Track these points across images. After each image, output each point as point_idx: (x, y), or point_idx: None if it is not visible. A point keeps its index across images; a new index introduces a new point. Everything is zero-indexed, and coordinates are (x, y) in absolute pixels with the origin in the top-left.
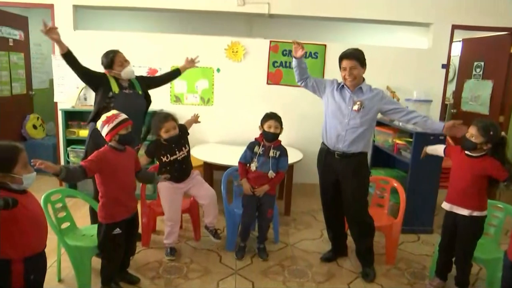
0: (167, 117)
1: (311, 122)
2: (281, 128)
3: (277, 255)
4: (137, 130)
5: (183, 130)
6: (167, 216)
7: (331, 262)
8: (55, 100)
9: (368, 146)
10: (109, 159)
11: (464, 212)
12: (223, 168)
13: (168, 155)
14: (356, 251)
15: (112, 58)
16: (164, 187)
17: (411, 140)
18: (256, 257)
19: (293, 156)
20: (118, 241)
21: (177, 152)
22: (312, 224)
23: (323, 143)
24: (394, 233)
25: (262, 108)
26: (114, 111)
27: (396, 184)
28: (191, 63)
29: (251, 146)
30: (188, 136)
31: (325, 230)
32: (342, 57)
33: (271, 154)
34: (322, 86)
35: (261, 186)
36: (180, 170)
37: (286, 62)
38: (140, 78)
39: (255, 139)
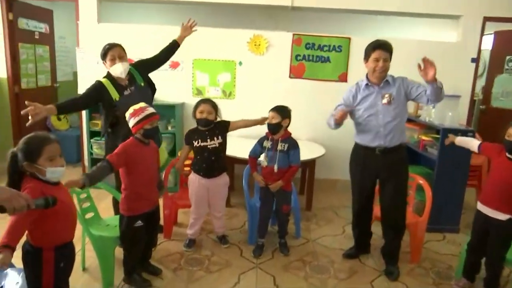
0: (206, 100)
1: None
2: (284, 119)
3: (298, 251)
4: None
5: (222, 125)
6: (192, 209)
7: (354, 259)
8: (78, 92)
9: (405, 137)
10: (133, 151)
11: (501, 216)
12: (245, 162)
13: (199, 140)
14: (383, 249)
15: (106, 51)
16: (193, 180)
17: (437, 136)
18: (277, 251)
19: (315, 151)
20: (139, 233)
21: (208, 140)
22: (333, 220)
23: (356, 142)
24: (419, 231)
25: (284, 102)
26: (142, 104)
27: (421, 181)
28: (187, 29)
29: (260, 141)
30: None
31: (347, 227)
32: (375, 47)
33: (279, 147)
34: (350, 101)
35: (274, 181)
36: (209, 162)
37: (309, 55)
38: (138, 65)
39: (266, 133)
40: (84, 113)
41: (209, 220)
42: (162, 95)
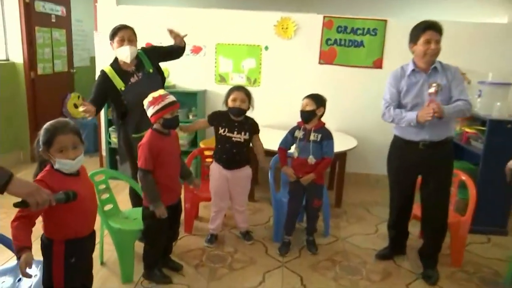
0: (240, 88)
1: (367, 106)
2: (319, 107)
3: (327, 249)
4: None
5: (252, 125)
6: (213, 201)
7: (388, 260)
8: (96, 78)
9: (453, 131)
10: (155, 145)
11: None
12: (271, 154)
13: (226, 129)
14: (421, 251)
15: (115, 31)
16: (214, 169)
17: (483, 128)
18: (304, 250)
19: (346, 143)
20: (163, 226)
21: (235, 132)
22: (365, 218)
23: (396, 135)
24: (461, 232)
25: (313, 89)
26: (161, 91)
27: (464, 177)
28: (177, 37)
29: (292, 131)
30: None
31: (381, 225)
32: (426, 28)
33: (311, 137)
34: (399, 94)
35: (305, 174)
36: (230, 154)
37: (340, 39)
38: (148, 50)
39: (297, 123)
40: None
41: (231, 215)
42: (183, 82)
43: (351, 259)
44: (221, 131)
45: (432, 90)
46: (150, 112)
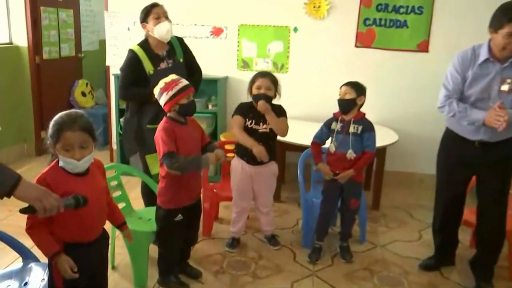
0: (266, 74)
1: (410, 97)
2: (360, 96)
3: (363, 257)
4: None
5: (279, 112)
6: (234, 200)
7: (433, 271)
8: (107, 64)
9: None
10: (171, 130)
11: None
12: (300, 148)
13: (253, 121)
14: (473, 261)
15: (149, 8)
16: (236, 165)
17: None
18: (337, 257)
19: (386, 138)
20: (179, 229)
21: (261, 123)
22: (407, 223)
23: (449, 128)
24: None
25: (349, 76)
26: (173, 76)
27: None
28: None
29: (328, 122)
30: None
31: (425, 231)
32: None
33: (351, 129)
34: (463, 83)
35: (343, 171)
36: None
37: (380, 19)
38: (182, 42)
39: (334, 114)
40: (112, 87)
41: (255, 217)
42: (203, 68)
43: (391, 269)
44: (248, 123)
45: (505, 87)
46: (163, 99)
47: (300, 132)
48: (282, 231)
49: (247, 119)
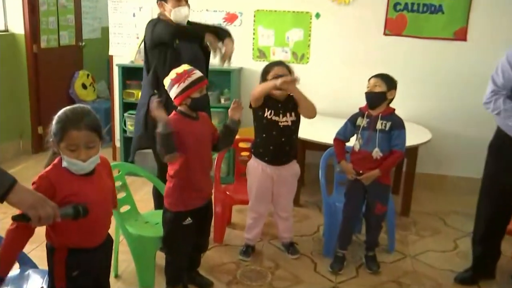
0: (279, 63)
1: (445, 91)
2: (391, 90)
3: (392, 269)
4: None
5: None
6: (251, 205)
7: (470, 286)
8: (110, 53)
9: None
10: (180, 129)
11: None
12: (321, 147)
13: (272, 111)
14: None
15: None
16: (254, 166)
17: None
18: (362, 268)
19: (417, 136)
20: (187, 233)
21: (280, 115)
22: (440, 231)
23: (500, 128)
24: None
25: (376, 68)
26: (185, 66)
27: None
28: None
29: (353, 118)
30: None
31: (461, 241)
32: None
33: (378, 126)
34: None
35: (368, 171)
36: (278, 144)
37: (412, 4)
38: (193, 23)
39: (360, 109)
40: (116, 79)
41: (271, 222)
42: (213, 58)
43: (422, 282)
44: (267, 113)
45: None
46: (174, 91)
47: (321, 129)
48: (302, 238)
49: (266, 108)
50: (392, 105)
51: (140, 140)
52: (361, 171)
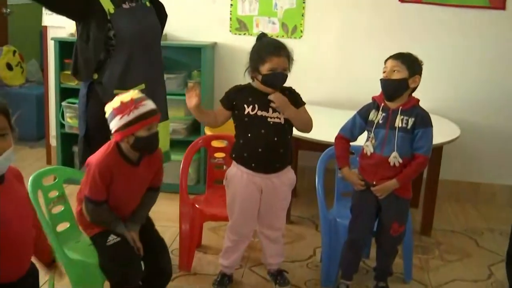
0: (280, 48)
1: (478, 74)
2: (414, 75)
3: None
4: (156, 73)
5: (293, 94)
6: (232, 225)
7: None
8: (43, 24)
9: None
10: (109, 169)
11: None
12: (318, 147)
13: (256, 106)
14: None
15: None
16: (236, 175)
17: None
18: None
19: (442, 133)
20: (122, 255)
21: (270, 109)
22: (471, 254)
23: None
24: None
25: (390, 44)
26: (134, 94)
27: None
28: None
29: (364, 111)
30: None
31: (497, 267)
32: None
33: (397, 123)
34: None
35: (382, 181)
36: (269, 145)
37: None
38: None
39: (373, 98)
40: (51, 57)
41: (254, 244)
42: (180, 30)
43: None
44: (248, 109)
45: None
46: (115, 124)
47: (319, 123)
48: (293, 264)
49: (246, 105)
50: (414, 94)
51: (84, 148)
52: (374, 182)
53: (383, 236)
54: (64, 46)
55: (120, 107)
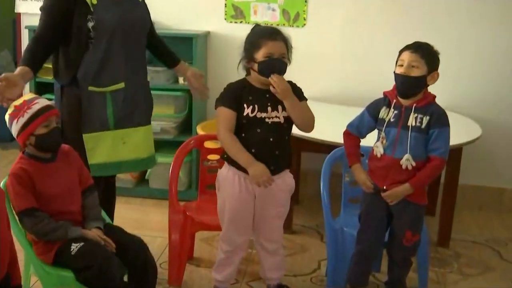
0: (275, 34)
1: (504, 66)
2: (432, 71)
3: None
4: (141, 70)
5: (294, 89)
6: (224, 233)
7: None
8: (16, 11)
9: None
10: (27, 174)
11: None
12: (323, 148)
13: (256, 107)
14: None
15: None
16: (227, 177)
17: None
18: None
19: (462, 132)
20: (94, 256)
21: (269, 109)
22: (494, 267)
23: None
24: None
25: (405, 33)
26: (27, 96)
27: None
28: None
29: (373, 107)
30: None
31: None
32: None
33: (411, 121)
34: None
35: (394, 185)
36: (265, 145)
37: None
38: None
39: (384, 93)
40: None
41: (252, 256)
42: (170, 18)
43: None
44: (248, 110)
45: None
46: (14, 129)
47: (324, 122)
48: (296, 279)
49: (245, 105)
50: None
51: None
52: (384, 187)
53: (395, 246)
54: None
55: (14, 111)
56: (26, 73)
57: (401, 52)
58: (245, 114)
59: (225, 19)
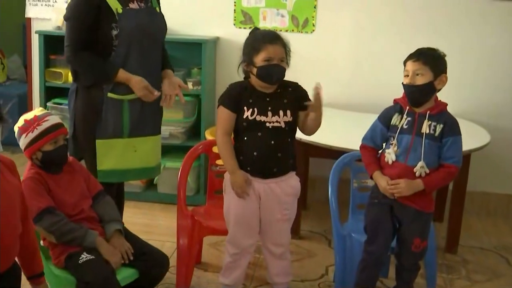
0: (275, 38)
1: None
2: (439, 75)
3: None
4: (157, 80)
5: (299, 92)
6: (230, 236)
7: None
8: (26, 15)
9: None
10: (40, 179)
11: None
12: (331, 154)
13: (255, 110)
14: None
15: None
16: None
17: None
18: None
19: (470, 139)
20: (97, 274)
21: (269, 113)
22: (502, 273)
23: None
24: None
25: (414, 39)
26: (37, 111)
27: None
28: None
29: (385, 115)
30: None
31: None
32: None
33: (424, 129)
34: None
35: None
36: (266, 148)
37: None
38: None
39: (395, 101)
40: (35, 53)
41: (259, 261)
42: (179, 24)
43: None
44: (248, 113)
45: None
46: (22, 142)
47: (332, 127)
48: (303, 284)
49: (245, 107)
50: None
51: (75, 150)
52: (394, 195)
53: (405, 253)
54: (49, 41)
55: (24, 125)
56: (125, 72)
57: (405, 62)
58: (244, 116)
59: (234, 24)
